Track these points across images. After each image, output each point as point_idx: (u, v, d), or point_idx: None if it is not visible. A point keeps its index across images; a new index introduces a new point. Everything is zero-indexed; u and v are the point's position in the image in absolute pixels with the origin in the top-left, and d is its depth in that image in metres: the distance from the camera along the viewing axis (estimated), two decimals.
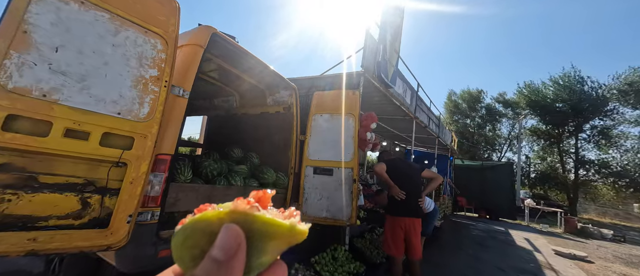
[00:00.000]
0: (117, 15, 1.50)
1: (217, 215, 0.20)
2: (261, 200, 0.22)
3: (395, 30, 4.71)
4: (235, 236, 0.18)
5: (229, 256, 0.18)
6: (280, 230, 0.20)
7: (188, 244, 0.20)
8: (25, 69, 1.22)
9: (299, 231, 0.21)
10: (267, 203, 0.22)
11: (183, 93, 1.86)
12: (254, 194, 0.23)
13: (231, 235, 0.18)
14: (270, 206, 0.23)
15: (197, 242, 0.19)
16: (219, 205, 0.21)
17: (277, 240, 0.21)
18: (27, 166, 1.23)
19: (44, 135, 1.25)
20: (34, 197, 1.23)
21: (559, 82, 19.23)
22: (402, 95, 5.10)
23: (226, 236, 0.18)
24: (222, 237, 0.18)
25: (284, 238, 0.21)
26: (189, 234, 0.20)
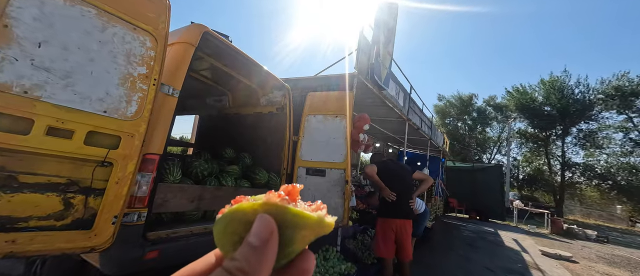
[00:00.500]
0: (104, 11, 1.46)
1: (252, 206, 0.22)
2: (291, 194, 0.24)
3: (388, 32, 4.76)
4: (268, 224, 0.20)
5: (263, 242, 0.20)
6: (309, 222, 0.22)
7: (228, 231, 0.22)
8: (6, 64, 1.17)
9: (326, 223, 0.23)
10: (296, 196, 0.24)
11: (173, 92, 1.83)
12: (284, 188, 0.25)
13: (264, 223, 0.20)
14: (299, 199, 0.25)
15: (236, 229, 0.22)
16: (253, 197, 0.23)
17: (306, 231, 0.22)
18: (7, 165, 1.18)
19: (24, 133, 1.21)
20: (13, 197, 1.19)
21: (549, 85, 19.79)
22: (395, 97, 5.15)
23: (260, 224, 0.20)
24: (257, 225, 0.20)
25: (312, 229, 0.23)
26: (229, 222, 0.22)
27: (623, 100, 17.34)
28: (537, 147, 21.75)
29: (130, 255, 1.63)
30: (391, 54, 4.92)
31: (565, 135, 19.72)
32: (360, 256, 3.49)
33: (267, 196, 0.23)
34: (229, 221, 0.22)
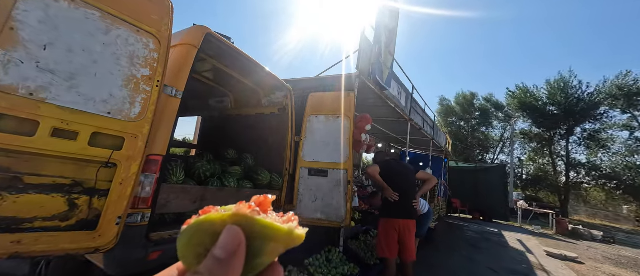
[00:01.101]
0: (108, 13, 1.48)
1: (221, 217, 0.21)
2: (262, 205, 0.24)
3: (390, 32, 4.75)
4: (236, 236, 0.20)
5: (230, 254, 0.19)
6: (279, 234, 0.22)
7: (193, 243, 0.21)
8: (12, 66, 1.19)
9: (296, 235, 0.23)
10: (267, 208, 0.24)
11: (176, 93, 1.84)
12: (255, 199, 0.24)
13: (232, 235, 0.20)
14: (270, 210, 0.24)
15: (201, 241, 0.21)
16: (223, 208, 0.22)
17: (276, 243, 0.22)
18: (12, 166, 1.20)
19: (30, 135, 1.22)
20: (18, 198, 1.20)
21: (554, 85, 19.64)
22: (397, 97, 5.14)
23: (228, 236, 0.20)
24: (224, 237, 0.20)
25: (282, 241, 0.22)
26: (194, 234, 0.21)
27: (627, 99, 17.17)
28: (541, 147, 21.55)
29: (133, 255, 1.64)
30: (393, 54, 4.91)
31: (569, 135, 19.53)
32: (363, 257, 3.47)
33: (237, 207, 0.22)
34: (195, 233, 0.21)
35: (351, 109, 3.27)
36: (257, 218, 0.21)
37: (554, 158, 20.52)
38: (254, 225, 0.21)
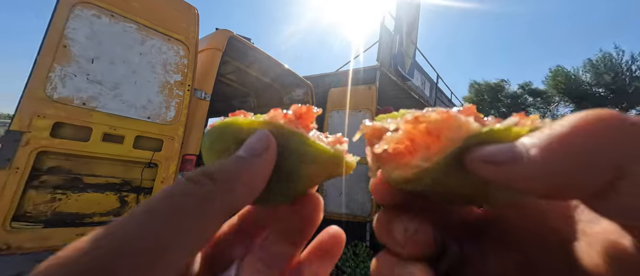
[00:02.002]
0: (142, 25, 1.60)
1: (250, 123, 0.17)
2: (303, 117, 0.18)
3: (411, 20, 4.55)
4: (265, 138, 0.16)
5: (253, 154, 0.15)
6: (321, 155, 0.17)
7: (216, 148, 0.17)
8: (67, 80, 1.34)
9: (343, 161, 0.18)
10: (309, 122, 0.19)
11: (205, 96, 1.94)
12: (295, 108, 0.18)
13: (260, 137, 0.16)
14: (313, 126, 0.19)
15: (226, 147, 0.17)
16: (255, 115, 0.18)
17: (316, 166, 0.17)
18: (73, 168, 1.36)
19: (85, 140, 1.37)
20: (80, 196, 1.36)
21: (598, 65, 17.53)
22: (420, 88, 4.93)
23: (255, 138, 0.16)
24: (251, 139, 0.16)
25: (324, 166, 0.17)
26: (217, 137, 0.17)
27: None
28: None
29: None
30: (415, 42, 4.71)
31: None
32: None
33: (271, 114, 0.17)
34: (218, 136, 0.17)
35: (373, 103, 3.20)
36: (294, 130, 0.17)
37: None
38: (290, 138, 0.16)
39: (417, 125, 0.15)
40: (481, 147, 0.12)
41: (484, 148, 0.12)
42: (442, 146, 0.13)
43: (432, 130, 0.14)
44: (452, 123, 0.13)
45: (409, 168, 0.14)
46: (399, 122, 0.16)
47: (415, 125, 0.15)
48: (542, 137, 0.11)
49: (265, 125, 0.17)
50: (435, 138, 0.14)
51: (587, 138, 0.09)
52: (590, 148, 0.09)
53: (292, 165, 0.17)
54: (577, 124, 0.10)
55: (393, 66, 3.92)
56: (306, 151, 0.16)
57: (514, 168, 0.11)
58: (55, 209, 1.29)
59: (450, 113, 0.14)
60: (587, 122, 0.10)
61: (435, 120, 0.14)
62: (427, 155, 0.14)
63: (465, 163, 0.12)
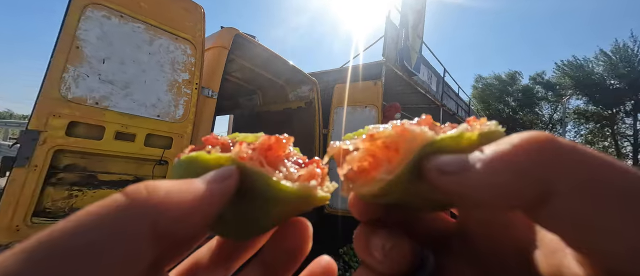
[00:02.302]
0: (150, 25, 1.62)
1: (217, 159, 0.16)
2: (273, 149, 0.17)
3: (417, 13, 4.47)
4: (227, 171, 0.15)
5: (211, 182, 0.14)
6: (288, 196, 0.16)
7: None
8: (80, 80, 1.38)
9: (314, 199, 0.17)
10: (280, 152, 0.17)
11: (212, 94, 1.97)
12: (264, 140, 0.17)
13: (224, 171, 0.15)
14: (288, 155, 0.18)
15: None
16: (230, 137, 0.18)
17: (282, 206, 0.17)
18: (88, 166, 1.40)
19: (99, 138, 1.41)
20: (95, 193, 1.41)
21: (612, 56, 16.89)
22: (426, 82, 4.86)
23: (216, 171, 0.15)
24: (212, 172, 0.15)
25: (293, 206, 0.17)
26: (183, 172, 0.16)
27: None
28: (600, 127, 18.81)
29: None
30: (421, 36, 4.63)
31: (637, 111, 16.72)
32: None
33: (236, 150, 0.16)
34: (185, 170, 0.16)
35: (378, 98, 3.18)
36: (257, 171, 0.16)
37: (617, 139, 17.80)
38: (254, 178, 0.16)
39: (373, 142, 0.15)
40: (436, 157, 0.13)
41: (438, 158, 0.13)
42: (401, 157, 0.14)
43: (390, 144, 0.15)
44: (407, 135, 0.14)
45: (375, 183, 0.15)
46: (357, 142, 0.16)
47: (372, 142, 0.15)
48: (488, 153, 0.12)
49: (231, 162, 0.16)
50: (394, 151, 0.15)
51: (523, 157, 0.11)
52: (524, 165, 0.11)
53: (258, 206, 0.16)
54: (516, 144, 0.11)
55: (399, 61, 3.88)
56: (270, 193, 0.16)
57: (462, 178, 0.12)
58: (72, 205, 1.34)
59: (405, 126, 0.15)
60: (525, 142, 0.11)
61: (389, 135, 0.15)
62: (389, 168, 0.14)
63: (423, 172, 0.13)
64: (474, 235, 0.17)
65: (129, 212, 0.11)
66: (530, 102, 22.10)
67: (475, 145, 0.13)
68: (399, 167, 0.14)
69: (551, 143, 0.11)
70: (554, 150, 0.11)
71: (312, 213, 3.28)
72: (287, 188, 0.16)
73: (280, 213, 0.18)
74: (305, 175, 0.17)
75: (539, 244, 0.14)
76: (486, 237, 0.16)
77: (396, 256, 0.16)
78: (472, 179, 0.12)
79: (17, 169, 1.20)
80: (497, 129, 0.14)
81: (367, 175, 0.16)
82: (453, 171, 0.12)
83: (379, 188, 0.15)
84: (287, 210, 0.18)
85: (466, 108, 7.55)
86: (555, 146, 0.11)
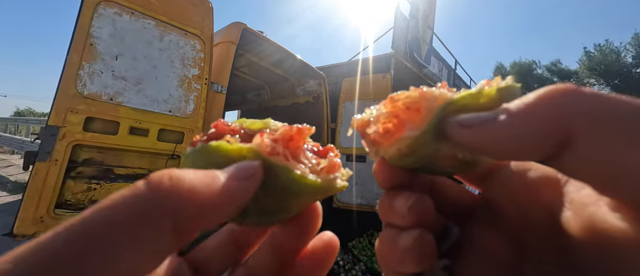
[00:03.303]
0: (160, 21, 1.64)
1: (238, 150, 0.15)
2: (294, 139, 0.17)
3: (428, 4, 4.33)
4: (252, 168, 0.14)
5: (235, 178, 0.13)
6: (309, 188, 0.16)
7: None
8: (95, 77, 1.41)
9: (335, 189, 0.17)
10: (300, 144, 0.17)
11: (221, 89, 1.98)
12: (285, 131, 0.17)
13: (248, 166, 0.14)
14: (306, 147, 0.18)
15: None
16: (239, 122, 0.18)
17: (303, 198, 0.17)
18: (105, 160, 1.45)
19: (114, 133, 1.45)
20: (112, 186, 1.46)
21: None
22: (437, 75, 4.74)
23: (241, 165, 0.14)
24: (238, 165, 0.14)
25: (313, 197, 0.17)
26: (201, 163, 0.16)
27: None
28: None
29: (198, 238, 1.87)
30: (432, 27, 4.49)
31: None
32: None
33: (257, 141, 0.16)
34: (203, 160, 0.16)
35: (388, 92, 3.12)
36: (280, 165, 0.15)
37: None
38: (278, 174, 0.15)
39: (395, 103, 0.16)
40: (458, 115, 0.14)
41: (461, 115, 0.13)
42: (425, 115, 0.15)
43: (411, 105, 0.15)
44: (427, 96, 0.15)
45: (402, 141, 0.15)
46: (379, 108, 0.17)
47: (394, 105, 0.16)
48: (512, 106, 0.12)
49: (254, 154, 0.15)
50: (416, 111, 0.15)
51: (546, 104, 0.11)
52: (547, 110, 0.11)
53: (280, 198, 0.16)
54: (541, 94, 0.12)
55: (409, 53, 3.78)
56: (294, 187, 0.16)
57: (484, 131, 0.12)
58: (91, 198, 1.39)
59: (423, 89, 0.15)
60: (549, 92, 0.11)
61: (409, 96, 0.16)
62: (414, 125, 0.15)
63: (445, 129, 0.14)
64: (500, 204, 0.17)
65: (150, 204, 0.11)
66: None
67: (495, 100, 0.14)
68: (424, 124, 0.15)
69: (573, 89, 0.11)
70: (575, 95, 0.11)
71: (321, 207, 3.30)
72: (312, 182, 0.16)
73: (302, 204, 0.18)
74: (327, 166, 0.17)
75: (567, 205, 0.14)
76: (512, 204, 0.16)
77: (420, 209, 0.16)
78: (495, 131, 0.12)
79: (39, 163, 1.25)
80: (513, 84, 0.14)
81: (392, 136, 0.16)
82: (476, 124, 0.13)
83: (406, 146, 0.15)
84: (306, 201, 0.18)
85: None
86: (576, 91, 0.11)
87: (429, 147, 0.15)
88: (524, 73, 21.71)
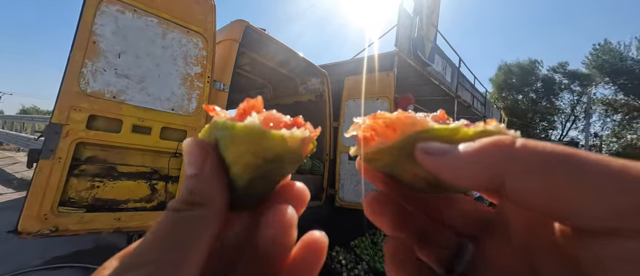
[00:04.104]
0: (163, 18, 1.63)
1: (291, 138, 0.17)
2: (254, 108, 0.18)
3: (432, 1, 4.28)
4: (197, 148, 0.17)
5: (197, 169, 0.16)
6: (233, 132, 0.16)
7: (246, 159, 0.17)
8: (98, 74, 1.41)
9: (265, 135, 0.16)
10: (258, 110, 0.18)
11: (224, 87, 1.98)
12: (250, 102, 0.18)
13: (189, 147, 0.17)
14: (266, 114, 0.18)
15: (258, 164, 0.17)
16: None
17: (237, 146, 0.16)
18: (108, 158, 1.45)
19: (117, 131, 1.45)
20: (115, 184, 1.46)
21: None
22: (441, 73, 4.69)
23: (186, 150, 0.17)
24: (184, 153, 0.17)
25: (245, 145, 0.16)
26: (248, 150, 0.17)
27: None
28: (629, 119, 17.65)
29: None
30: (436, 25, 4.44)
31: None
32: None
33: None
34: (253, 147, 0.17)
35: (391, 90, 3.10)
36: (219, 122, 0.17)
37: None
38: (219, 132, 0.17)
39: (376, 120, 0.18)
40: (426, 141, 0.16)
41: (427, 142, 0.15)
42: (397, 135, 0.17)
43: (389, 124, 0.17)
44: (407, 120, 0.17)
45: (371, 147, 0.18)
46: (365, 119, 0.19)
47: (375, 121, 0.18)
48: (462, 147, 0.14)
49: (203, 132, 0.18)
50: (392, 130, 0.17)
51: (486, 155, 0.13)
52: (486, 161, 0.13)
53: (230, 155, 0.17)
54: (484, 143, 0.14)
55: (412, 51, 3.75)
56: (224, 133, 0.17)
57: (440, 161, 0.14)
58: (95, 195, 1.40)
59: (405, 113, 0.17)
60: (489, 143, 0.14)
61: (390, 117, 0.17)
62: (384, 140, 0.17)
63: (414, 150, 0.16)
64: (511, 218, 0.17)
65: None
66: (550, 92, 20.95)
67: (469, 140, 0.15)
68: (393, 141, 0.17)
69: (508, 146, 0.13)
70: (508, 150, 0.13)
71: (323, 207, 3.29)
72: (232, 124, 0.16)
73: (238, 155, 0.17)
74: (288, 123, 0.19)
75: None
76: (522, 219, 0.17)
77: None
78: (447, 163, 0.14)
79: (43, 161, 1.26)
80: (493, 129, 0.15)
81: (368, 143, 0.19)
82: (434, 153, 0.15)
83: (372, 152, 0.18)
84: (243, 151, 0.17)
85: (482, 99, 7.25)
86: (509, 146, 0.13)
87: (394, 159, 0.18)
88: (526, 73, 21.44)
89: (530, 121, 20.98)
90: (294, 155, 0.18)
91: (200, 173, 0.16)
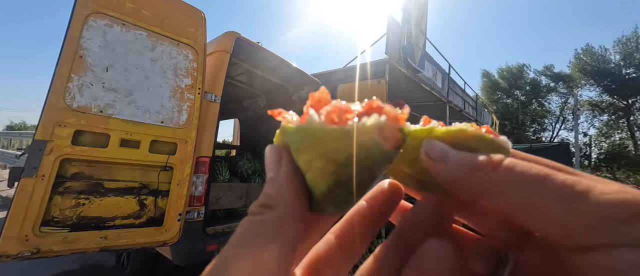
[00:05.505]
0: (152, 31, 1.63)
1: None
2: (321, 102, 0.15)
3: (420, 9, 4.40)
4: (273, 153, 0.17)
5: (275, 173, 0.16)
6: (292, 133, 0.15)
7: (320, 164, 0.15)
8: (85, 89, 1.39)
9: (352, 131, 0.13)
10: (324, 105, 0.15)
11: (215, 98, 1.96)
12: (314, 96, 0.16)
13: (270, 153, 0.17)
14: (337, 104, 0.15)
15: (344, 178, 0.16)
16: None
17: (307, 153, 0.14)
18: (94, 174, 1.41)
19: (104, 146, 1.41)
20: (102, 201, 1.41)
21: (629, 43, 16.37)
22: (431, 79, 4.78)
23: (267, 156, 0.17)
24: (266, 158, 0.17)
25: (314, 148, 0.14)
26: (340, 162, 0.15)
27: None
28: (615, 119, 18.18)
29: (195, 247, 1.82)
30: (425, 32, 4.56)
31: None
32: None
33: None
34: (342, 156, 0.15)
35: (383, 97, 3.13)
36: (285, 126, 0.15)
37: (633, 130, 17.17)
38: (286, 134, 0.16)
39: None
40: (430, 143, 0.16)
41: (437, 145, 0.16)
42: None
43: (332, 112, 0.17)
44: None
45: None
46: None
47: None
48: (462, 155, 0.16)
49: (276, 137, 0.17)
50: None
51: (468, 173, 0.15)
52: (467, 177, 0.15)
53: (300, 159, 0.15)
54: (469, 160, 0.15)
55: (403, 58, 3.82)
56: (291, 139, 0.15)
57: (440, 165, 0.16)
58: (80, 213, 1.34)
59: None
60: (472, 162, 0.15)
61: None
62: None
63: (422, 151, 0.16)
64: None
65: None
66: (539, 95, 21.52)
67: (448, 138, 0.16)
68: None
69: (495, 166, 0.14)
70: (488, 173, 0.14)
71: None
72: (288, 125, 0.16)
73: (307, 161, 0.15)
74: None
75: None
76: None
77: None
78: (446, 169, 0.16)
79: (25, 179, 1.21)
80: (460, 129, 0.16)
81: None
82: (436, 158, 0.16)
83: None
84: (310, 155, 0.15)
85: (473, 104, 7.39)
86: (497, 167, 0.14)
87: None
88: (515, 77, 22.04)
89: (521, 123, 21.40)
90: (374, 151, 0.14)
91: (276, 176, 0.16)
